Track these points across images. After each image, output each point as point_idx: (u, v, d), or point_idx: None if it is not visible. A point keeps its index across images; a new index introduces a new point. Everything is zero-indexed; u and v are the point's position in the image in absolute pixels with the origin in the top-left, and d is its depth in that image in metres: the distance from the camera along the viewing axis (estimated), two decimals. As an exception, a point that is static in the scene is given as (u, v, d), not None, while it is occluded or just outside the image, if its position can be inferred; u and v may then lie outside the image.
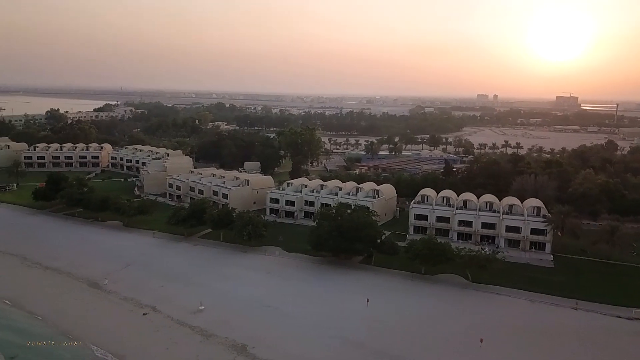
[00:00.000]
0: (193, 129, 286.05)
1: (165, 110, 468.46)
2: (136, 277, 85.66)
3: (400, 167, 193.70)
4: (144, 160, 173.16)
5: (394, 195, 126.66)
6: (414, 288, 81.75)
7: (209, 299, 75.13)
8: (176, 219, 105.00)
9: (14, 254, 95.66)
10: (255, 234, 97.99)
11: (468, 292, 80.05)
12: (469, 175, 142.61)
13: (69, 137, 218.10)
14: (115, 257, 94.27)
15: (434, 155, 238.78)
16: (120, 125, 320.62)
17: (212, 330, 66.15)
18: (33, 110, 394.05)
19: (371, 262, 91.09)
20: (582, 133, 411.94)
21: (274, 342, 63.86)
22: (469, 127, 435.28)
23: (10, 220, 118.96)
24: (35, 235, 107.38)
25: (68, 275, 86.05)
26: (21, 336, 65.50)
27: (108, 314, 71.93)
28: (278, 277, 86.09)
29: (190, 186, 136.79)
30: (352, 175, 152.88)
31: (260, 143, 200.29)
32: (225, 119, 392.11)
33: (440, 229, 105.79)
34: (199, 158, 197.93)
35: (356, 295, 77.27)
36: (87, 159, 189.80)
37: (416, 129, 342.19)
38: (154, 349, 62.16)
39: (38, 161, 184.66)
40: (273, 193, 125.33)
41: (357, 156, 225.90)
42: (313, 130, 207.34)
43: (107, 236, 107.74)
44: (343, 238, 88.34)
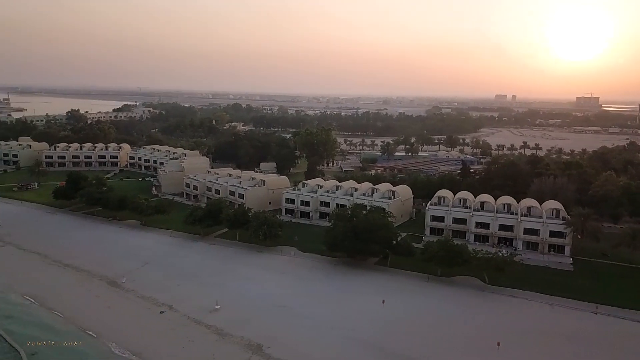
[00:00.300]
0: (210, 129, 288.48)
1: (182, 110, 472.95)
2: (153, 275, 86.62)
3: (416, 168, 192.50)
4: (162, 160, 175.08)
5: (410, 197, 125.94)
6: (430, 290, 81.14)
7: (225, 299, 75.58)
8: (193, 219, 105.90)
9: (35, 252, 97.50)
10: (271, 234, 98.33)
11: (485, 295, 79.15)
12: (487, 177, 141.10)
13: (88, 137, 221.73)
14: (133, 255, 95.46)
15: (451, 156, 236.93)
16: (139, 126, 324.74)
17: (228, 330, 66.53)
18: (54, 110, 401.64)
19: (387, 263, 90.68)
20: (603, 134, 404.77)
21: (289, 342, 63.96)
22: (487, 128, 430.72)
23: (32, 219, 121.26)
24: (55, 234, 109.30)
25: (87, 273, 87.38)
26: (42, 333, 66.65)
27: (126, 312, 72.83)
28: (293, 277, 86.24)
29: (207, 186, 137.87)
30: (367, 176, 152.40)
31: (276, 143, 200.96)
32: (242, 120, 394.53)
33: (457, 230, 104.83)
34: (216, 158, 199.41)
35: (371, 296, 77.00)
36: (106, 158, 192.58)
37: (433, 130, 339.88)
38: (170, 347, 62.74)
39: (58, 161, 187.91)
40: (288, 193, 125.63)
41: (373, 157, 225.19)
42: (329, 130, 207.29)
43: (125, 235, 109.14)
44: (358, 239, 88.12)
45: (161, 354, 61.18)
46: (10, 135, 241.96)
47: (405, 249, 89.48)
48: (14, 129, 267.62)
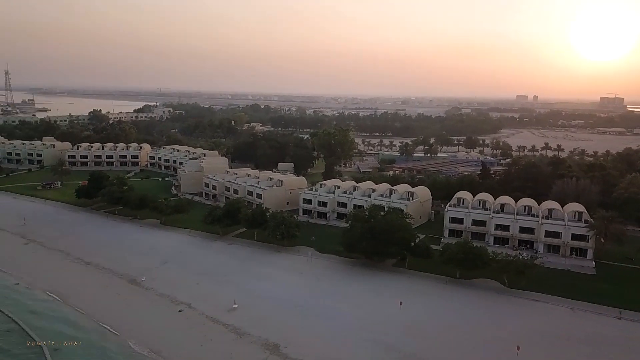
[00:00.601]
0: (229, 129, 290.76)
1: (202, 111, 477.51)
2: (172, 274, 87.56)
3: (435, 169, 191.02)
4: (181, 160, 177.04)
5: (429, 198, 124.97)
6: (449, 292, 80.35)
7: (243, 298, 76.00)
8: (212, 218, 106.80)
9: (57, 250, 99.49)
10: (288, 234, 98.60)
11: (505, 298, 78.06)
12: (507, 178, 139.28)
13: (110, 137, 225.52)
14: (152, 254, 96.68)
15: (471, 157, 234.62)
16: (159, 126, 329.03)
17: (246, 329, 66.88)
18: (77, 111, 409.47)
19: (405, 265, 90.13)
20: (627, 136, 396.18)
21: (306, 342, 64.02)
22: (507, 129, 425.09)
23: (55, 217, 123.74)
24: (77, 232, 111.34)
25: (108, 271, 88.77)
26: (64, 329, 68.00)
27: (145, 310, 73.81)
28: (311, 277, 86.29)
29: (225, 186, 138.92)
30: (385, 176, 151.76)
31: (294, 144, 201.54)
32: (260, 120, 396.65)
33: (476, 232, 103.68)
34: (235, 158, 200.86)
35: (389, 297, 76.58)
36: (127, 158, 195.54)
37: (452, 131, 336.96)
38: (188, 345, 63.34)
39: (81, 160, 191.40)
40: (306, 194, 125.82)
41: (391, 157, 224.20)
42: (346, 131, 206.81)
43: (145, 234, 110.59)
44: (376, 240, 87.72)
45: (180, 352, 61.78)
46: (35, 135, 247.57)
47: (424, 250, 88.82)
48: (39, 128, 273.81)
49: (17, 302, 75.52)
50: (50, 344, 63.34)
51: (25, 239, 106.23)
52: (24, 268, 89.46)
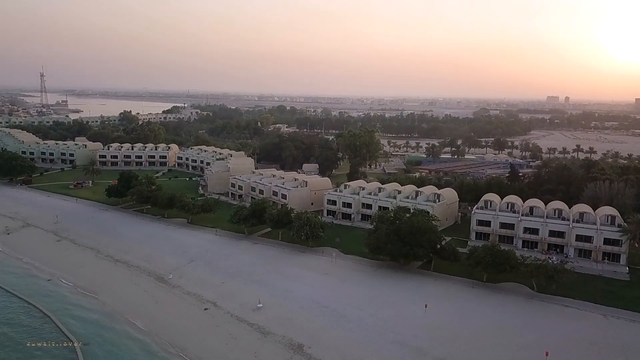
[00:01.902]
0: (255, 131, 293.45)
1: (229, 112, 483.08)
2: (199, 272, 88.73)
3: (462, 171, 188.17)
4: (209, 161, 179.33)
5: (456, 200, 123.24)
6: (475, 296, 79.01)
7: (268, 297, 76.48)
8: (238, 218, 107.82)
9: (88, 247, 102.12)
10: (313, 235, 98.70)
11: (533, 303, 76.28)
12: (537, 181, 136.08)
13: (139, 137, 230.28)
14: (179, 253, 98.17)
15: (499, 159, 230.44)
16: (187, 127, 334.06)
17: (270, 328, 67.26)
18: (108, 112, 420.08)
19: (430, 267, 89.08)
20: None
21: (330, 343, 63.96)
22: (537, 131, 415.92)
23: (86, 215, 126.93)
24: (107, 230, 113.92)
25: (137, 268, 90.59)
26: (95, 324, 69.81)
27: (172, 307, 75.01)
28: (335, 278, 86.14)
29: (251, 186, 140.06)
30: (411, 178, 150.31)
31: (319, 145, 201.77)
32: (286, 122, 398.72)
33: (504, 235, 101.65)
34: (261, 159, 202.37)
35: (414, 300, 75.84)
36: (155, 158, 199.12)
37: (480, 132, 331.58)
38: (213, 343, 64.08)
39: (111, 160, 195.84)
40: (330, 194, 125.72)
41: (417, 159, 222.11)
42: (372, 132, 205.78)
43: (173, 232, 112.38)
44: (402, 242, 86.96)
45: (205, 350, 62.59)
46: (68, 135, 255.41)
47: (450, 253, 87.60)
48: (71, 129, 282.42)
49: (50, 298, 78.00)
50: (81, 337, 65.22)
51: (58, 236, 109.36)
52: (56, 264, 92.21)
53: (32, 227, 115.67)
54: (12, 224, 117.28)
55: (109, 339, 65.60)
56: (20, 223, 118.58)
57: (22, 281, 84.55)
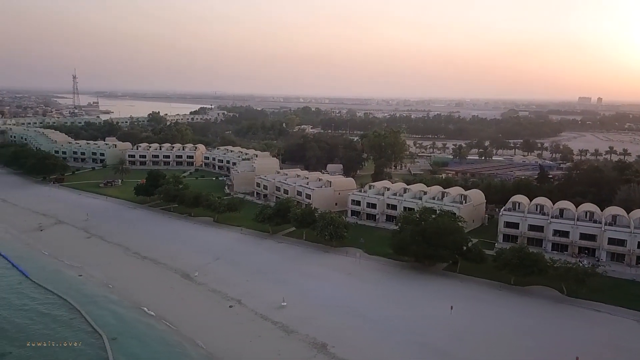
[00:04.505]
0: (280, 131, 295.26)
1: (255, 113, 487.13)
2: (224, 270, 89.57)
3: (490, 173, 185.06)
4: (234, 161, 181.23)
5: (483, 202, 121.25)
6: (502, 299, 77.49)
7: (291, 296, 76.62)
8: (262, 217, 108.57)
9: (117, 244, 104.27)
10: (337, 235, 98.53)
11: (563, 307, 74.36)
12: (567, 183, 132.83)
13: (167, 137, 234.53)
14: (205, 250, 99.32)
15: (528, 160, 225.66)
16: (214, 128, 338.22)
17: (294, 327, 67.34)
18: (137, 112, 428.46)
19: (456, 269, 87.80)
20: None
21: (354, 343, 63.63)
22: (568, 132, 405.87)
23: (115, 213, 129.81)
24: (135, 228, 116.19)
25: (163, 265, 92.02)
26: (123, 319, 71.20)
27: (197, 304, 75.83)
28: (359, 279, 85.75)
29: (276, 186, 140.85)
30: (438, 179, 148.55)
31: (343, 146, 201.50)
32: (311, 123, 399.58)
33: (532, 238, 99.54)
34: (285, 159, 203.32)
35: (439, 302, 74.81)
36: (182, 158, 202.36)
37: (508, 133, 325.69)
38: (238, 341, 64.48)
39: (140, 159, 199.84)
40: (355, 195, 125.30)
41: (443, 160, 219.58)
42: (397, 132, 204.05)
43: (199, 231, 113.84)
44: (427, 243, 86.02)
45: (230, 347, 63.00)
46: (99, 135, 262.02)
47: (477, 255, 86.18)
48: (102, 129, 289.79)
49: (80, 293, 79.90)
50: (109, 331, 66.57)
51: (88, 233, 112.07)
52: (86, 260, 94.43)
53: (64, 224, 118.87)
54: (44, 221, 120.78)
55: (137, 334, 66.77)
56: (53, 220, 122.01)
57: (54, 276, 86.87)
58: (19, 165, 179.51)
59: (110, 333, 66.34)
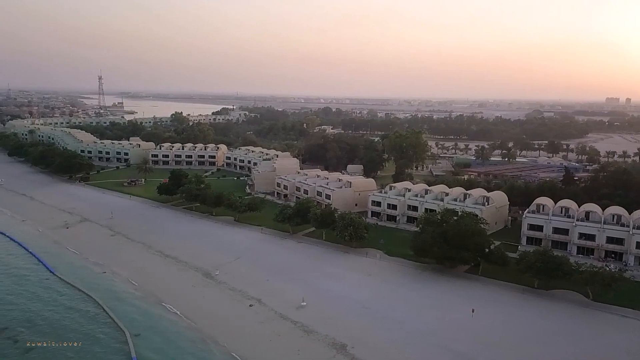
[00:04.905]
0: (301, 132, 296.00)
1: (276, 114, 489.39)
2: (244, 269, 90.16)
3: (513, 174, 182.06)
4: (255, 161, 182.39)
5: (506, 204, 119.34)
6: (525, 302, 76.12)
7: (311, 296, 76.66)
8: (282, 217, 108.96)
9: (140, 242, 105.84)
10: (357, 236, 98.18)
11: (588, 312, 72.68)
12: (594, 185, 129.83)
13: (189, 137, 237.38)
14: (226, 249, 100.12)
15: (553, 162, 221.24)
16: (235, 128, 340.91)
17: (313, 327, 67.35)
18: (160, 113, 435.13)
19: (478, 272, 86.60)
20: None
21: (373, 344, 63.33)
22: (595, 134, 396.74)
23: (139, 212, 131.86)
24: (158, 226, 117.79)
25: (185, 264, 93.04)
26: (145, 316, 72.23)
27: (218, 303, 76.49)
28: (379, 280, 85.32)
29: (296, 186, 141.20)
30: (460, 180, 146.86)
31: (364, 146, 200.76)
32: (331, 123, 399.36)
33: (557, 241, 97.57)
34: (306, 160, 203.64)
35: (460, 304, 73.94)
36: (204, 158, 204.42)
37: (533, 135, 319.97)
38: (258, 340, 64.80)
39: (163, 159, 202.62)
40: (375, 196, 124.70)
41: (466, 161, 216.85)
42: (419, 133, 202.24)
43: (220, 230, 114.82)
44: (448, 245, 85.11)
45: (250, 345, 63.32)
46: (123, 135, 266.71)
47: (499, 257, 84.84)
48: (126, 129, 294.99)
49: (104, 290, 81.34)
50: (132, 329, 67.61)
51: (112, 231, 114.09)
52: (110, 258, 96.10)
53: (89, 222, 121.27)
54: (70, 219, 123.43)
55: (158, 331, 67.66)
56: (78, 218, 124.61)
57: (78, 272, 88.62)
58: (47, 164, 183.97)
59: (133, 329, 67.38)
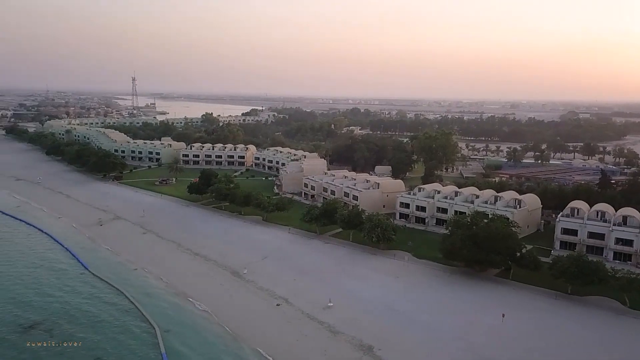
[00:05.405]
0: (329, 133, 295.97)
1: (304, 115, 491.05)
2: (272, 269, 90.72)
3: (547, 177, 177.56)
4: (283, 161, 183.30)
5: (539, 207, 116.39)
6: (558, 308, 74.06)
7: (338, 297, 76.51)
8: (309, 217, 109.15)
9: (170, 240, 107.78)
10: (384, 237, 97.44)
11: (624, 320, 70.18)
12: (632, 189, 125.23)
13: (219, 138, 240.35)
14: (254, 249, 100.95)
15: (588, 165, 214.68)
16: (264, 129, 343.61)
17: (340, 328, 67.21)
18: (191, 114, 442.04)
19: (509, 276, 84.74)
20: None
21: (401, 346, 62.76)
22: (634, 136, 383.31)
23: (169, 210, 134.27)
24: (188, 225, 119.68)
25: (214, 262, 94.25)
26: (175, 312, 73.52)
27: (246, 301, 77.15)
28: (407, 282, 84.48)
29: (323, 187, 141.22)
30: (491, 183, 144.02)
31: (392, 147, 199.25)
32: (360, 124, 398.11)
33: (592, 246, 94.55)
34: (333, 160, 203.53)
35: (490, 309, 72.53)
36: (234, 158, 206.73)
37: (568, 136, 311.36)
38: (285, 339, 65.05)
39: (193, 159, 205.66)
40: (403, 197, 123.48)
41: (497, 163, 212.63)
42: (449, 134, 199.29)
43: (248, 229, 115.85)
44: (478, 248, 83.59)
45: (277, 345, 63.60)
46: (155, 135, 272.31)
47: (531, 261, 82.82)
48: (158, 129, 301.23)
49: (135, 286, 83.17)
50: (162, 325, 68.88)
51: (144, 229, 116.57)
52: (141, 255, 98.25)
53: (122, 220, 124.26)
54: (104, 216, 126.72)
55: (187, 328, 68.75)
56: (111, 216, 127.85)
57: (111, 269, 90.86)
58: (82, 163, 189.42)
59: (163, 325, 68.65)
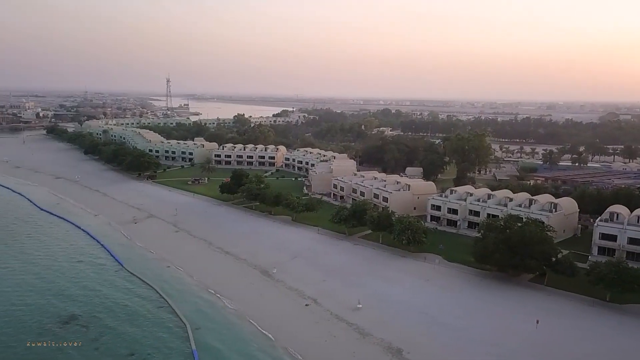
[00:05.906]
0: (359, 134, 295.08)
1: (334, 116, 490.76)
2: (301, 269, 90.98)
3: (584, 180, 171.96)
4: (313, 162, 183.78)
5: (575, 211, 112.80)
6: (595, 316, 71.59)
7: (367, 299, 76.09)
8: (339, 218, 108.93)
9: (202, 239, 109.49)
10: (415, 240, 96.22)
11: (668, 330, 67.16)
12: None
13: (251, 138, 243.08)
14: (283, 249, 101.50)
15: (629, 168, 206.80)
16: (294, 130, 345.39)
17: (369, 330, 66.80)
18: (223, 114, 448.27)
19: (543, 281, 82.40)
20: None
21: (430, 350, 61.92)
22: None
23: (201, 209, 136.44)
24: (219, 224, 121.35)
25: (244, 261, 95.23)
26: (205, 310, 74.67)
27: (275, 301, 77.60)
28: (437, 285, 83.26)
29: (352, 188, 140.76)
30: (525, 185, 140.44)
31: (424, 148, 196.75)
32: (390, 125, 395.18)
33: (632, 252, 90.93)
34: (363, 162, 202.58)
35: (523, 315, 70.72)
36: (264, 158, 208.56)
37: (607, 138, 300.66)
38: (313, 339, 65.10)
39: (225, 159, 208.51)
40: (435, 199, 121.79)
41: (532, 166, 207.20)
42: (482, 135, 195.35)
43: (278, 229, 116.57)
44: (511, 252, 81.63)
45: (305, 345, 63.75)
46: (188, 135, 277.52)
47: (567, 267, 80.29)
48: (191, 130, 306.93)
49: (167, 283, 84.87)
50: (193, 322, 70.04)
51: (176, 227, 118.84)
52: (173, 253, 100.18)
53: (155, 218, 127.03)
54: (138, 215, 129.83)
55: (218, 325, 69.68)
56: (145, 214, 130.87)
57: (144, 266, 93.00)
58: (118, 163, 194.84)
59: (194, 323, 69.78)
